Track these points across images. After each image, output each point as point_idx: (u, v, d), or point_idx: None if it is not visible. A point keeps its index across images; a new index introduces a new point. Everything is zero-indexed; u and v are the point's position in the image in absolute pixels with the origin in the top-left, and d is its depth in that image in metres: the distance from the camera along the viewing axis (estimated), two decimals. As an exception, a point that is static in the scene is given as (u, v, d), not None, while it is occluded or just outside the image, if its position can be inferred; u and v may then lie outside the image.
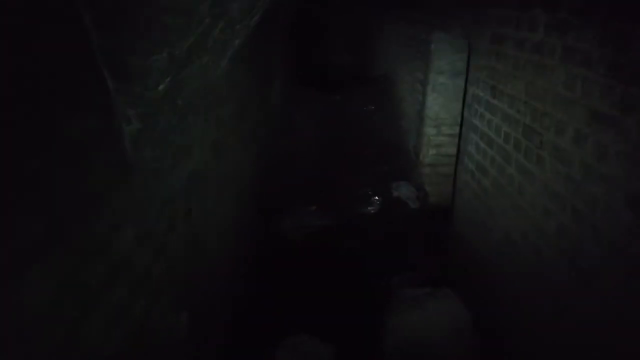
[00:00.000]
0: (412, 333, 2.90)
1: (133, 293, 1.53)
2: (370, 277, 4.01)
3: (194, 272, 2.32)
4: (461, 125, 4.13)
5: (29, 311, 0.96)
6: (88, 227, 1.23)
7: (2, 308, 0.88)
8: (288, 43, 8.74)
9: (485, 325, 3.28)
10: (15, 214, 0.93)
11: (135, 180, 1.55)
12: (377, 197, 5.47)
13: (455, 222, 4.24)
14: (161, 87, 1.52)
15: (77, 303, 1.16)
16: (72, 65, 1.15)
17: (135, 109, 1.42)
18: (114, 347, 1.37)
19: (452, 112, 5.17)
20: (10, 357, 0.89)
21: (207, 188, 2.62)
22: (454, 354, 2.82)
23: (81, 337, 1.18)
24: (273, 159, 6.19)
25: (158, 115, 1.65)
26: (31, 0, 0.97)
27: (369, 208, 5.34)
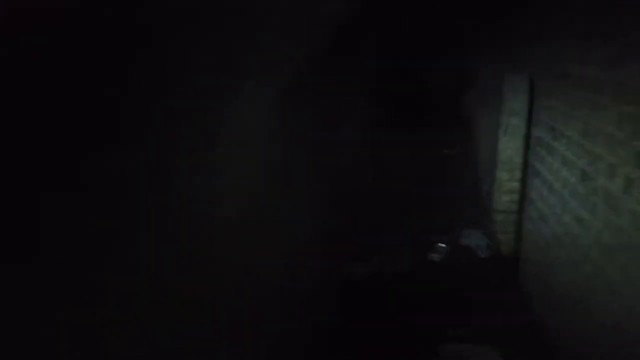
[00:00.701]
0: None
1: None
2: (424, 331, 3.76)
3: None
4: (524, 170, 3.83)
5: None
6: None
7: None
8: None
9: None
10: None
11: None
12: (443, 245, 5.19)
13: (519, 275, 3.87)
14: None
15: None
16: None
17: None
18: None
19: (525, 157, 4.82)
20: None
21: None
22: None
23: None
24: (343, 200, 6.19)
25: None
26: None
27: (434, 255, 5.06)
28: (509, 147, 4.98)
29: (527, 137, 3.76)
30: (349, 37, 5.83)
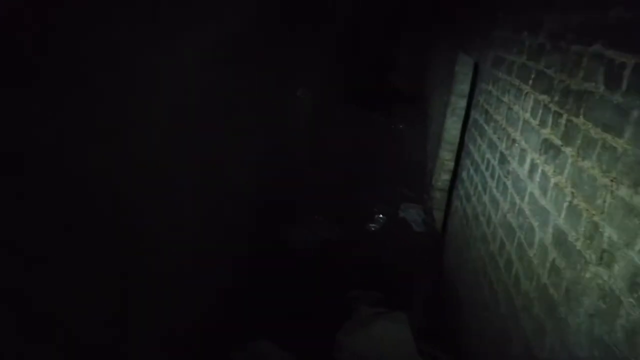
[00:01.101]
0: (354, 351, 2.79)
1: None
2: (340, 293, 3.91)
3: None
4: (460, 151, 3.96)
5: None
6: None
7: None
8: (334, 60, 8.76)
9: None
10: None
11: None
12: (381, 216, 5.34)
13: (444, 249, 4.06)
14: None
15: None
16: None
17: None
18: None
19: (467, 138, 4.98)
20: None
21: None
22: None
23: None
24: (293, 166, 6.22)
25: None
26: None
27: (372, 226, 5.21)
28: (453, 128, 5.13)
29: (467, 119, 3.88)
30: (309, 6, 5.75)
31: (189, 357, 3.02)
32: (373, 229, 5.20)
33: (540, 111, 2.15)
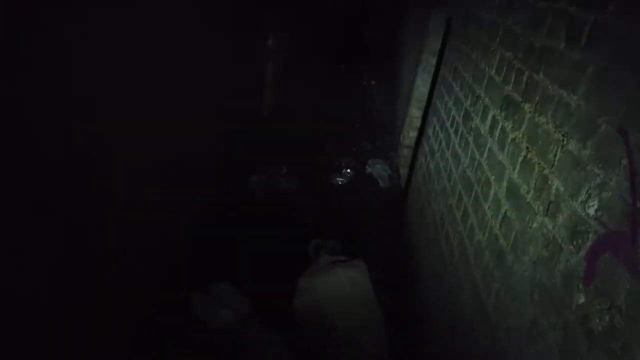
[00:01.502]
0: (314, 295, 2.88)
1: None
2: (299, 241, 4.00)
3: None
4: (427, 107, 4.00)
5: None
6: None
7: None
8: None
9: (403, 310, 3.24)
10: None
11: None
12: (348, 170, 5.40)
13: (407, 204, 4.16)
14: None
15: None
16: None
17: None
18: None
19: (436, 96, 5.01)
20: None
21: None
22: (350, 320, 2.80)
23: None
24: (257, 118, 6.15)
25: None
26: None
27: (338, 179, 5.27)
28: (423, 85, 5.15)
29: (436, 76, 3.90)
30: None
31: (155, 287, 3.08)
32: (340, 182, 5.26)
33: (505, 68, 2.18)
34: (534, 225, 1.59)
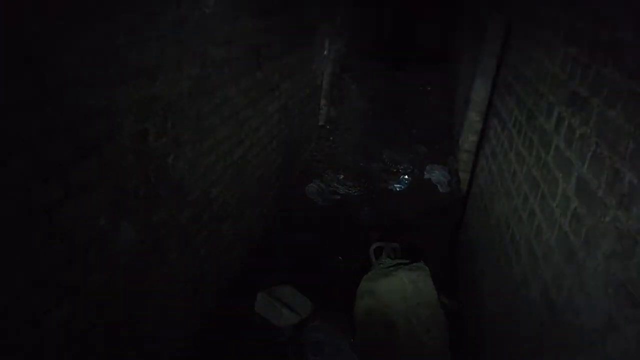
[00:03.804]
0: (375, 299, 2.92)
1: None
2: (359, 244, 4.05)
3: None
4: (488, 110, 3.96)
5: None
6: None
7: None
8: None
9: (464, 312, 3.21)
10: None
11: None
12: (406, 177, 5.40)
13: (467, 209, 4.11)
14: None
15: None
16: None
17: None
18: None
19: (496, 98, 4.92)
20: None
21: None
22: (412, 323, 2.81)
23: None
24: (314, 125, 6.28)
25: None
26: None
27: (395, 185, 5.28)
28: (482, 88, 5.06)
29: (496, 78, 3.85)
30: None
31: (220, 296, 3.23)
32: (398, 189, 5.27)
33: (570, 64, 2.15)
34: (607, 219, 1.56)
